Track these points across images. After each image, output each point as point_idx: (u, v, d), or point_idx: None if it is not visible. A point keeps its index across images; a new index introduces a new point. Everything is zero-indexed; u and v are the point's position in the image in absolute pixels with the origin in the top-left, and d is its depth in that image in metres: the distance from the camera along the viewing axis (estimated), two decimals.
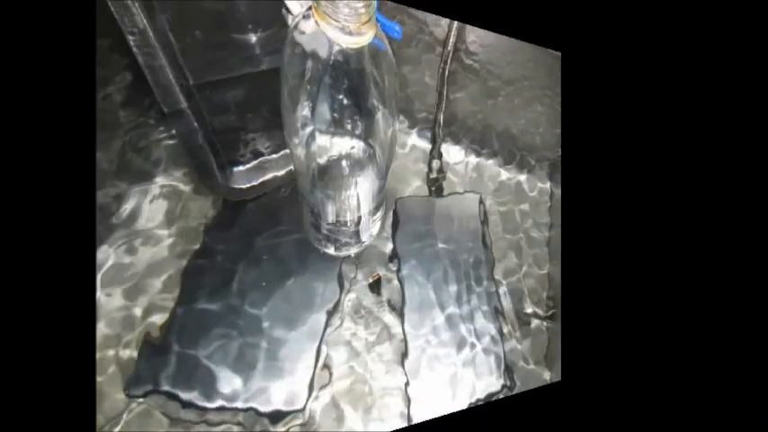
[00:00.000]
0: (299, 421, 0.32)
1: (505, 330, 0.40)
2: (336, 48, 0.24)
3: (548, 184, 0.50)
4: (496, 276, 0.43)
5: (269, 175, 0.36)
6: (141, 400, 0.29)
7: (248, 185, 0.35)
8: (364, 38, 0.23)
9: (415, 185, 0.43)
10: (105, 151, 0.33)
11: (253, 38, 0.38)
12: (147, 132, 0.35)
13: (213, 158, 0.35)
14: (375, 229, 0.38)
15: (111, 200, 0.33)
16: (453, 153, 0.47)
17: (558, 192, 0.50)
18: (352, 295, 0.36)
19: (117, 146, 0.34)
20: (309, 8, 0.24)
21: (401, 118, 0.46)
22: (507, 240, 0.45)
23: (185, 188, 0.34)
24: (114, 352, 0.29)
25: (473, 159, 0.48)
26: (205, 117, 0.35)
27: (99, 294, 0.30)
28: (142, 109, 0.35)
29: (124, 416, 0.28)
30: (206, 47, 0.36)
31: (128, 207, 0.33)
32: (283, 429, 0.31)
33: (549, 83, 0.55)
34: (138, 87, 0.35)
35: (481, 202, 0.46)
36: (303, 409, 0.32)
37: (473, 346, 0.39)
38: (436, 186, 0.45)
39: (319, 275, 0.36)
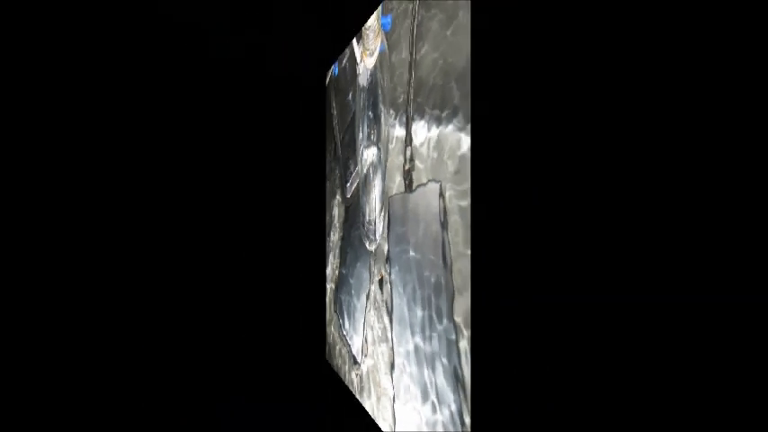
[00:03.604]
0: (357, 372, 0.40)
1: (467, 419, 0.25)
2: (367, 72, 0.26)
3: None
4: (456, 318, 0.29)
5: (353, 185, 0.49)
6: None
7: (349, 195, 0.49)
8: (378, 49, 0.25)
9: (397, 181, 0.37)
10: None
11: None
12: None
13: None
14: (380, 227, 0.42)
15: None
16: (419, 131, 0.36)
17: None
18: (372, 287, 0.43)
19: None
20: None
21: (390, 112, 0.39)
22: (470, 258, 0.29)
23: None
24: None
25: (434, 132, 0.34)
26: (340, 159, 0.47)
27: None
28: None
29: None
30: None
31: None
32: (355, 372, 0.40)
33: None
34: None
35: (441, 194, 0.32)
36: (359, 365, 0.39)
37: (434, 408, 0.26)
38: (408, 179, 0.35)
39: (365, 264, 0.45)
